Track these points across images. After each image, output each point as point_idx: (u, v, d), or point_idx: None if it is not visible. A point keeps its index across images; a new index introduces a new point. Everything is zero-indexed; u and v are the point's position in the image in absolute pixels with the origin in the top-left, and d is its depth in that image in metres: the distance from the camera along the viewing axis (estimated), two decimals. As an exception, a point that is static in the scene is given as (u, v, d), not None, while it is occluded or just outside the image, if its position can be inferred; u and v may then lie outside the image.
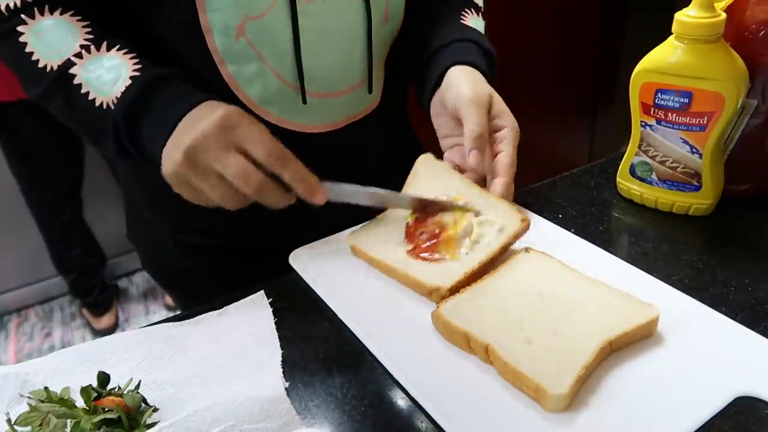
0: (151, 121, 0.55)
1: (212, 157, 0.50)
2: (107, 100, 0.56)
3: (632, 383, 0.44)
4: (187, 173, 0.52)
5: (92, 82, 0.56)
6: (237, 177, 0.50)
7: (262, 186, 0.51)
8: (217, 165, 0.50)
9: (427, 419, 0.43)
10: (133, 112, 0.55)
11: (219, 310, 0.55)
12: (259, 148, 0.51)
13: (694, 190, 0.64)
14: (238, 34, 0.59)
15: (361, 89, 0.69)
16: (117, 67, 0.56)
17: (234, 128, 0.51)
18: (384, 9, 0.67)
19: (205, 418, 0.41)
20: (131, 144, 0.57)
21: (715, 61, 0.57)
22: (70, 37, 0.57)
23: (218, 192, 0.52)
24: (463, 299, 0.51)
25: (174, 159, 0.51)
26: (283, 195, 0.53)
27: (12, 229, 2.11)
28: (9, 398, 0.46)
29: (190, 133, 0.51)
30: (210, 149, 0.50)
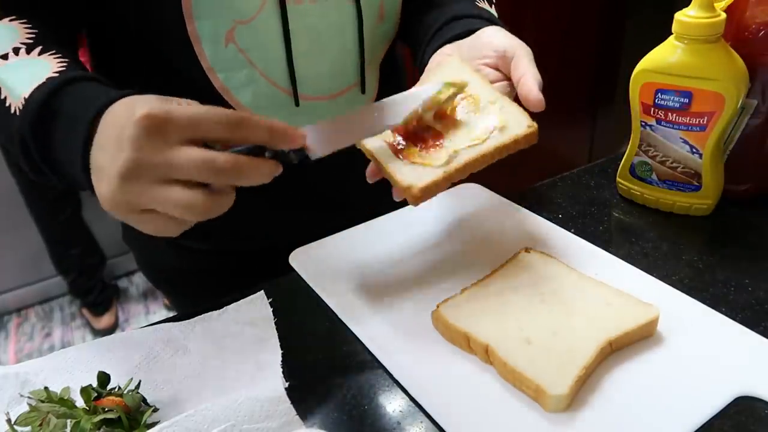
0: (60, 125, 0.45)
1: (158, 167, 0.39)
2: (17, 104, 0.47)
3: (632, 383, 0.44)
4: (132, 199, 0.41)
5: (7, 85, 0.48)
6: (200, 169, 0.40)
7: (236, 163, 0.41)
8: (167, 173, 0.40)
9: (427, 419, 0.43)
10: (40, 117, 0.46)
11: (219, 310, 0.55)
12: (207, 125, 0.40)
13: (694, 190, 0.64)
14: (227, 40, 0.58)
15: (354, 90, 0.69)
16: (36, 67, 0.48)
17: (166, 121, 0.39)
18: (378, 9, 0.66)
19: (205, 418, 0.41)
20: (41, 158, 0.47)
21: (715, 61, 0.57)
22: (5, 40, 0.51)
23: (186, 201, 0.40)
24: (463, 299, 0.51)
25: (110, 187, 0.41)
26: (264, 163, 0.43)
27: (12, 229, 2.11)
28: (9, 398, 0.46)
29: (116, 150, 0.40)
30: (151, 158, 0.39)
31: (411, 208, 0.67)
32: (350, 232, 0.64)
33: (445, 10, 0.67)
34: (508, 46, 0.56)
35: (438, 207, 0.68)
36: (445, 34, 0.64)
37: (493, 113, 0.52)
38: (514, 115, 0.52)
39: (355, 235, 0.64)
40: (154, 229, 0.43)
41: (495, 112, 0.52)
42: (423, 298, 0.53)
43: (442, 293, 0.52)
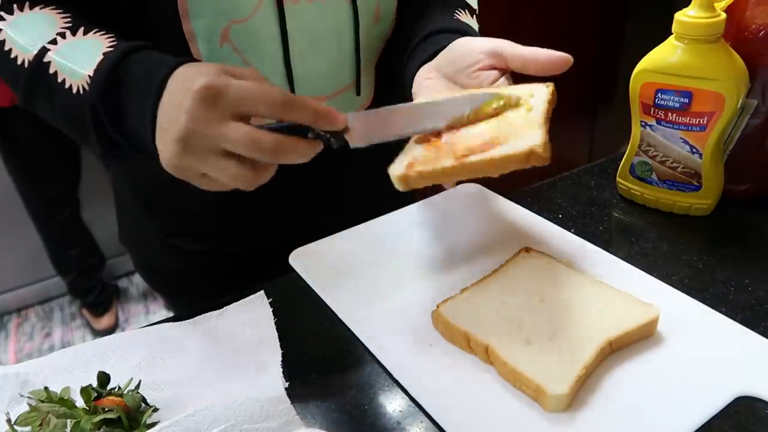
0: (130, 94, 0.49)
1: (210, 138, 0.44)
2: (80, 83, 0.50)
3: (632, 383, 0.44)
4: (189, 164, 0.46)
5: (65, 67, 0.51)
6: (247, 146, 0.43)
7: (279, 144, 0.44)
8: (218, 143, 0.44)
9: (427, 419, 0.43)
10: (109, 89, 0.49)
11: (219, 310, 0.55)
12: (258, 104, 0.44)
13: (694, 190, 0.64)
14: (222, 40, 0.58)
15: (349, 92, 0.68)
16: (89, 47, 0.51)
17: (221, 95, 0.43)
18: (374, 9, 0.66)
19: (205, 418, 0.41)
20: (113, 129, 0.51)
21: (715, 61, 0.57)
22: (46, 27, 0.53)
23: (231, 173, 0.45)
24: (463, 299, 0.51)
25: (170, 150, 0.46)
26: (306, 144, 0.46)
27: (12, 229, 2.11)
28: (9, 398, 0.46)
29: (176, 118, 0.44)
30: (204, 129, 0.44)
31: (410, 208, 0.67)
32: (350, 232, 0.64)
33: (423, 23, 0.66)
34: (493, 45, 0.56)
35: (438, 207, 0.68)
36: (420, 54, 0.63)
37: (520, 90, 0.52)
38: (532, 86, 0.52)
39: (355, 235, 0.64)
40: (212, 187, 0.48)
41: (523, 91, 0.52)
42: (423, 298, 0.53)
43: (442, 293, 0.52)
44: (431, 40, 0.63)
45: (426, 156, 0.49)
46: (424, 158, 0.49)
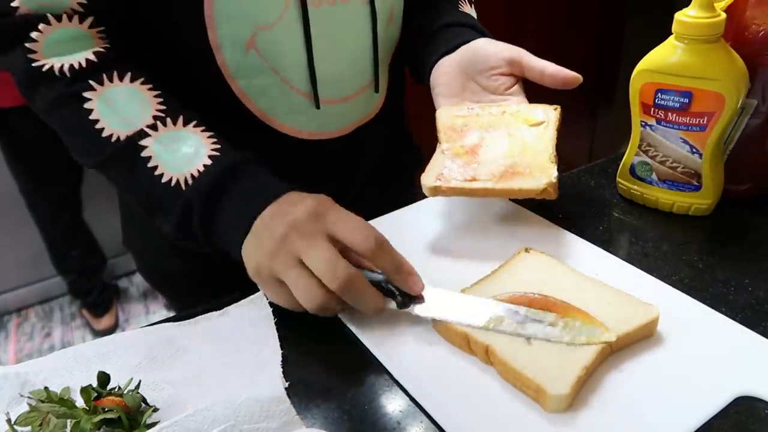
0: (231, 204, 0.52)
1: (299, 245, 0.46)
2: (178, 176, 0.53)
3: (632, 383, 0.44)
4: (273, 265, 0.47)
5: (163, 157, 0.53)
6: (323, 266, 0.45)
7: (352, 279, 0.45)
8: (303, 253, 0.46)
9: (427, 419, 0.43)
10: (212, 193, 0.52)
11: (219, 311, 0.54)
12: (355, 234, 0.47)
13: (694, 190, 0.64)
14: (248, 47, 0.58)
15: (368, 91, 0.69)
16: (194, 144, 0.54)
17: (326, 214, 0.47)
18: (389, 9, 0.67)
19: (205, 418, 0.41)
20: (201, 227, 0.54)
21: (715, 61, 0.57)
22: (141, 108, 0.54)
23: (301, 284, 0.46)
24: (463, 299, 0.51)
25: (263, 251, 0.48)
26: (374, 294, 0.47)
27: (12, 229, 2.11)
28: (9, 398, 0.46)
29: (282, 221, 0.47)
30: (299, 237, 0.46)
31: (410, 208, 0.67)
32: (350, 232, 0.64)
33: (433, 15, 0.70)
34: (514, 54, 0.63)
35: (438, 207, 0.67)
36: (433, 49, 0.68)
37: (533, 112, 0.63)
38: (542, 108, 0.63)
39: (355, 235, 0.64)
40: (284, 301, 0.49)
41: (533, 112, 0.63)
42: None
43: (442, 293, 0.52)
44: (441, 35, 0.68)
45: (453, 169, 0.59)
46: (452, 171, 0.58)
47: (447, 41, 0.67)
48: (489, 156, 0.59)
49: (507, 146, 0.60)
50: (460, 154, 0.60)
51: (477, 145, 0.61)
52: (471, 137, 0.62)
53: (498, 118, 0.63)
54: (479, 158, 0.59)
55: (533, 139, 0.60)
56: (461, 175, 0.57)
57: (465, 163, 0.59)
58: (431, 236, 0.62)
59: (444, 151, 0.61)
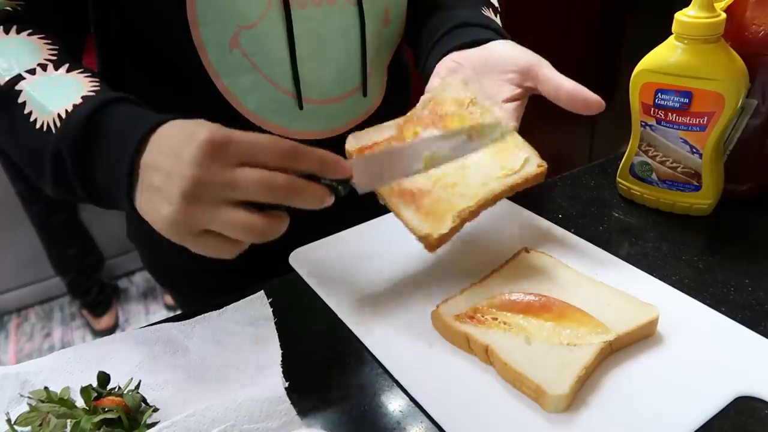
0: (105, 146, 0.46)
1: (219, 186, 0.41)
2: (48, 120, 0.47)
3: (632, 383, 0.44)
4: (194, 218, 0.42)
5: (37, 101, 0.48)
6: (260, 188, 0.41)
7: (294, 184, 0.42)
8: (227, 192, 0.41)
9: (427, 419, 0.43)
10: (81, 135, 0.46)
11: (219, 310, 0.55)
12: (265, 152, 0.42)
13: (694, 190, 0.64)
14: (231, 45, 0.58)
15: (356, 94, 0.69)
16: (68, 86, 0.48)
17: (227, 144, 0.41)
18: (382, 12, 0.66)
19: (205, 418, 0.41)
20: (78, 176, 0.47)
21: (715, 61, 0.57)
22: (28, 55, 0.50)
23: (241, 223, 0.41)
24: (463, 299, 0.51)
25: (171, 207, 0.42)
26: (318, 187, 0.44)
27: (12, 229, 2.11)
28: (9, 398, 0.46)
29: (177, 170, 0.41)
30: (212, 178, 0.41)
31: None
32: (350, 232, 0.64)
33: (450, 14, 0.67)
34: (530, 60, 0.56)
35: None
36: (452, 40, 0.63)
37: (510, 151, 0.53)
38: (527, 152, 0.53)
39: (355, 235, 0.64)
40: (212, 250, 0.44)
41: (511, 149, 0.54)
42: (423, 298, 0.53)
43: (442, 293, 0.52)
44: (459, 32, 0.64)
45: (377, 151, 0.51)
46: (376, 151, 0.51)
47: (461, 37, 0.62)
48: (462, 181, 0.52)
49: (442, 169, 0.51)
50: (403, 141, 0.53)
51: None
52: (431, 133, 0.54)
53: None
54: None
55: (476, 180, 0.52)
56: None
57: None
58: (431, 236, 0.62)
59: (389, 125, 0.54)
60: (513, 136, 0.54)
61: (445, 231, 0.49)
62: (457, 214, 0.50)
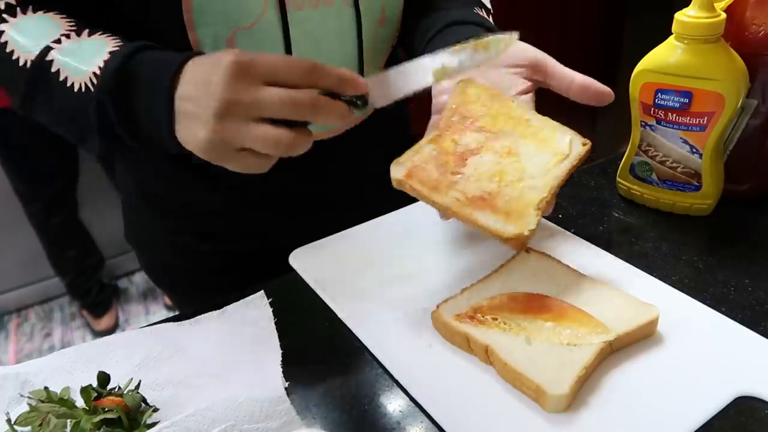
0: (142, 88, 0.49)
1: (247, 105, 0.44)
2: (83, 80, 0.50)
3: (632, 383, 0.44)
4: (227, 136, 0.45)
5: (70, 65, 0.50)
6: (285, 105, 0.44)
7: (317, 101, 0.45)
8: (256, 110, 0.44)
9: (427, 419, 0.43)
10: (118, 85, 0.49)
11: (219, 310, 0.55)
12: (285, 71, 0.45)
13: (694, 190, 0.64)
14: (227, 47, 0.58)
15: None
16: (94, 46, 0.51)
17: (251, 66, 0.44)
18: (379, 13, 0.66)
19: (205, 418, 0.41)
20: (122, 124, 0.50)
21: (715, 61, 0.57)
22: (50, 29, 0.52)
23: (271, 136, 0.44)
24: (463, 299, 0.51)
25: (206, 130, 0.45)
26: (338, 103, 0.47)
27: (12, 229, 2.11)
28: (9, 398, 0.46)
29: (208, 94, 0.44)
30: (241, 97, 0.44)
31: (410, 208, 0.67)
32: (350, 232, 0.65)
33: (443, 14, 0.67)
34: (536, 54, 0.58)
35: (438, 207, 0.68)
36: (445, 39, 0.63)
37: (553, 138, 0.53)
38: (568, 134, 0.53)
39: (355, 235, 0.64)
40: (246, 165, 0.47)
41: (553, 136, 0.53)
42: (423, 298, 0.53)
43: (442, 293, 0.52)
44: (453, 29, 0.64)
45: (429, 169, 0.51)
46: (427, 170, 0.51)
47: (456, 34, 0.63)
48: (475, 169, 0.51)
49: (499, 167, 0.51)
50: (447, 153, 0.53)
51: (471, 151, 0.53)
52: (471, 137, 0.54)
53: (515, 124, 0.54)
54: (465, 168, 0.52)
55: (537, 170, 0.52)
56: (433, 178, 0.51)
57: (445, 166, 0.52)
58: (431, 236, 0.62)
59: (432, 143, 0.54)
60: (548, 123, 0.55)
61: (534, 226, 0.48)
62: (537, 207, 0.49)
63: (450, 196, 0.49)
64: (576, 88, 0.56)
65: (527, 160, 0.52)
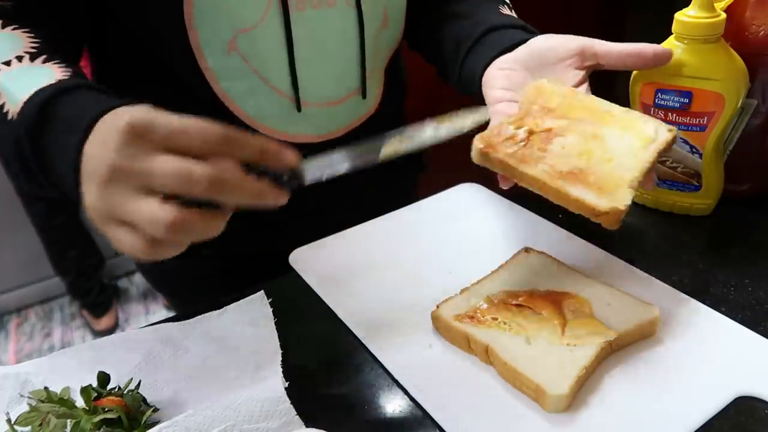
0: (55, 132, 0.44)
1: (135, 175, 0.37)
2: (15, 110, 0.45)
3: (632, 383, 0.44)
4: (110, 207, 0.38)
5: (8, 91, 0.46)
6: (176, 178, 0.36)
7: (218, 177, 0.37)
8: (144, 180, 0.37)
9: (427, 419, 0.43)
10: (36, 121, 0.44)
11: (219, 310, 0.55)
12: (192, 138, 0.37)
13: (694, 190, 0.64)
14: (229, 49, 0.58)
15: (356, 97, 0.68)
16: (39, 75, 0.46)
17: (150, 127, 0.37)
18: (381, 14, 0.66)
19: (205, 418, 0.41)
20: (37, 165, 0.45)
21: (715, 61, 0.57)
22: (8, 48, 0.49)
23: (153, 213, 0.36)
24: (463, 299, 0.51)
25: (92, 193, 0.39)
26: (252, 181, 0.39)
27: (12, 229, 2.11)
28: (9, 398, 0.46)
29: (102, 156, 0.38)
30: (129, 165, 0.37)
31: (410, 208, 0.67)
32: (350, 232, 0.65)
33: (473, 21, 0.66)
34: (580, 41, 0.55)
35: (438, 207, 0.68)
36: (488, 49, 0.61)
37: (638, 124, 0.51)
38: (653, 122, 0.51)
39: (355, 235, 0.64)
40: (125, 244, 0.39)
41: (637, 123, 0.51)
42: (423, 298, 0.53)
43: (442, 293, 0.52)
44: (492, 37, 0.62)
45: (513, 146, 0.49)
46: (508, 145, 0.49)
47: (500, 42, 0.61)
48: (563, 147, 0.49)
49: (589, 146, 0.50)
50: (532, 132, 0.51)
51: (555, 132, 0.50)
52: (553, 122, 0.51)
53: (596, 113, 0.52)
54: (551, 146, 0.49)
55: (625, 151, 0.49)
56: (519, 153, 0.49)
57: (531, 142, 0.50)
58: (431, 236, 0.62)
59: (513, 124, 0.51)
60: (630, 112, 0.52)
61: (629, 202, 0.45)
62: (630, 185, 0.46)
63: (539, 169, 0.48)
64: (633, 57, 0.54)
65: (614, 143, 0.50)
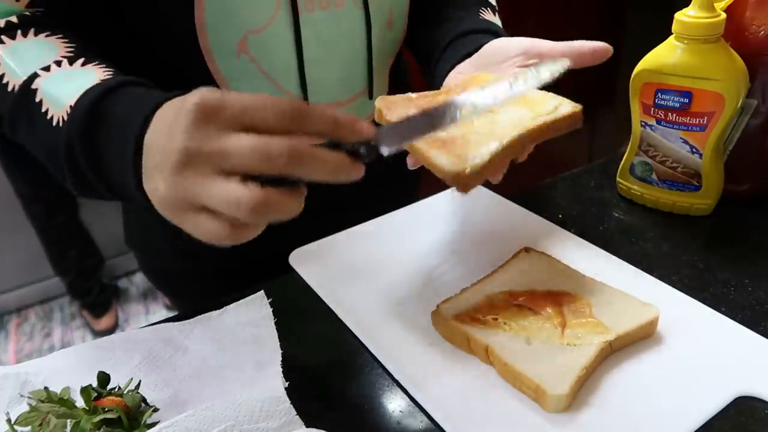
0: (110, 132, 0.43)
1: (210, 156, 0.35)
2: (61, 114, 0.44)
3: (632, 383, 0.44)
4: (186, 194, 0.37)
5: (50, 96, 0.46)
6: (253, 156, 0.35)
7: (296, 151, 0.35)
8: (220, 161, 0.35)
9: (427, 419, 0.43)
10: (88, 125, 0.43)
11: (219, 310, 0.55)
12: (264, 114, 0.36)
13: (694, 190, 0.64)
14: (239, 51, 0.58)
15: (363, 98, 0.69)
16: (82, 77, 0.46)
17: (219, 107, 0.36)
18: (386, 15, 0.66)
19: (205, 418, 0.41)
20: (90, 170, 0.44)
21: (715, 61, 0.57)
22: (45, 54, 0.48)
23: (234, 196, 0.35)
24: (463, 299, 0.51)
25: (165, 184, 0.37)
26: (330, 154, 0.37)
27: (12, 229, 2.11)
28: (9, 398, 0.46)
29: (170, 143, 0.37)
30: (202, 147, 0.35)
31: (410, 209, 0.67)
32: (350, 232, 0.65)
33: (451, 25, 0.67)
34: (531, 43, 0.56)
35: (438, 207, 0.68)
36: (454, 52, 0.64)
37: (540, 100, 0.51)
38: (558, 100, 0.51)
39: (355, 235, 0.64)
40: (207, 232, 0.37)
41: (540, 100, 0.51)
42: (423, 298, 0.53)
43: (442, 293, 0.52)
44: (461, 41, 0.64)
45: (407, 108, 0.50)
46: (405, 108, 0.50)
47: (465, 46, 0.63)
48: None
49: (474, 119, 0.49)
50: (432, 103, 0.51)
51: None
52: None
53: None
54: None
55: (507, 122, 0.49)
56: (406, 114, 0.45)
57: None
58: (431, 236, 0.62)
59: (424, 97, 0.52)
60: (546, 94, 0.52)
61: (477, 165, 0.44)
62: (488, 151, 0.45)
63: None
64: (576, 55, 0.52)
65: (502, 116, 0.50)
